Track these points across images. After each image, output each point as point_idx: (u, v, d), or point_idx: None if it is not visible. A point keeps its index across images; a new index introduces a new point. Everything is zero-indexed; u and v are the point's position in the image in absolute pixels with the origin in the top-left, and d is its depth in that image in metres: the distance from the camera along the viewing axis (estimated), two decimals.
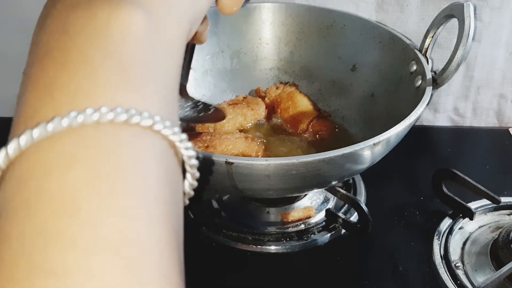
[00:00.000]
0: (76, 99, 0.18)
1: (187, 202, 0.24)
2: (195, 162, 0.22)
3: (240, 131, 0.65)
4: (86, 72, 0.18)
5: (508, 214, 0.62)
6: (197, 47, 0.43)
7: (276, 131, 0.67)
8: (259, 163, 0.44)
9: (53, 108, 0.18)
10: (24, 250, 0.17)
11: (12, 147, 0.18)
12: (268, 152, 0.61)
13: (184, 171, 0.23)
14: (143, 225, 0.18)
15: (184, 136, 0.21)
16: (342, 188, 0.58)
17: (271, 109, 0.69)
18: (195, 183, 0.24)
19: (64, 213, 0.17)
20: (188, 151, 0.22)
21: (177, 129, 0.21)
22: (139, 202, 0.18)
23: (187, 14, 0.23)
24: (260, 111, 0.68)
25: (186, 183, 0.23)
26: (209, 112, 0.47)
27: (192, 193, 0.24)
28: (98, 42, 0.19)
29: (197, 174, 0.23)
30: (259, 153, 0.60)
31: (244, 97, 0.70)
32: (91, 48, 0.19)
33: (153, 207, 0.19)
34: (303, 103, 0.68)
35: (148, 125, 0.19)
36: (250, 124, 0.67)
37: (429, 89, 0.53)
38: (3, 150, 0.18)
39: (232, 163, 0.43)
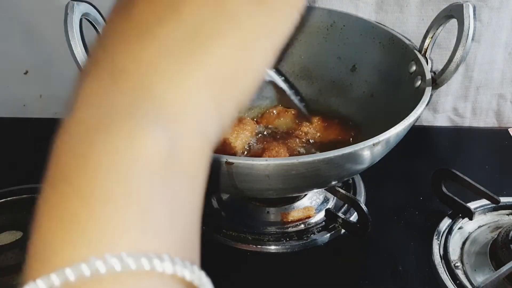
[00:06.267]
0: (96, 245, 0.17)
1: None
2: None
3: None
4: (108, 214, 0.17)
5: (508, 214, 0.62)
6: None
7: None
8: (259, 163, 0.44)
9: (72, 251, 0.17)
10: None
11: None
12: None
13: None
14: None
15: (205, 279, 0.20)
16: (342, 188, 0.58)
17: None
18: None
19: None
20: None
21: (197, 270, 0.20)
22: None
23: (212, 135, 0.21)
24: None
25: None
26: None
27: None
28: (118, 176, 0.18)
29: None
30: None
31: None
32: (112, 182, 0.18)
33: None
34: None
35: (171, 272, 0.18)
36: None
37: (428, 90, 0.53)
38: None
39: (232, 163, 0.43)
